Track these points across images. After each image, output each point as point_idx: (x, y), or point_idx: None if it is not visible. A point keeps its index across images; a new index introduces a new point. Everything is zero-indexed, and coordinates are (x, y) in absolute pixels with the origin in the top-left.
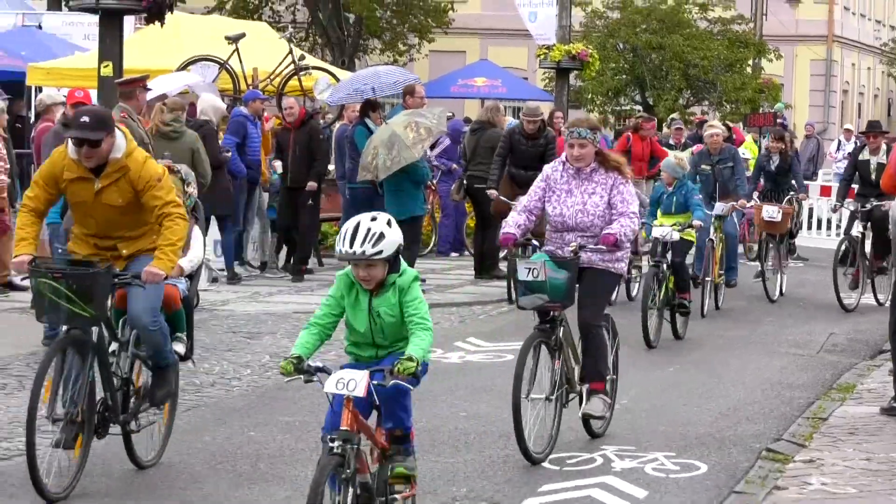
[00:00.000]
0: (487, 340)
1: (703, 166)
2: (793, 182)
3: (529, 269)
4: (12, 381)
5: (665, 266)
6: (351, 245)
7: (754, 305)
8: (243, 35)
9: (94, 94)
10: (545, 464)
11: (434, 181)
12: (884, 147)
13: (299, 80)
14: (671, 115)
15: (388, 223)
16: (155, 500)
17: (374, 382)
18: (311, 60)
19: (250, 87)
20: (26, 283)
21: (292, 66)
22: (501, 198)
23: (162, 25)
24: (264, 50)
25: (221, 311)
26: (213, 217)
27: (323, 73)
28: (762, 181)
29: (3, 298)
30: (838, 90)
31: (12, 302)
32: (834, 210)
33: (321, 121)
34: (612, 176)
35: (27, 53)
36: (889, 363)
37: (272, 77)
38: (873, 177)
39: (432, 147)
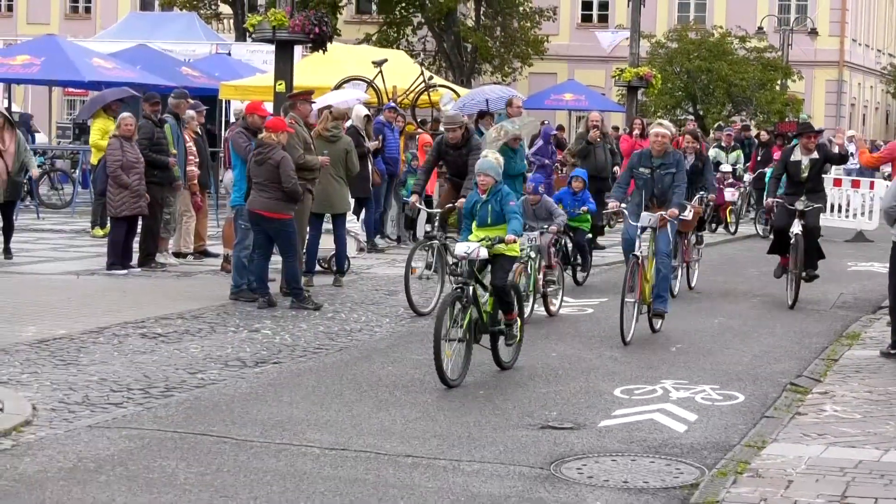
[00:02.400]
0: (572, 297)
1: (641, 169)
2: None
3: None
4: (206, 326)
5: (471, 289)
6: None
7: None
8: (386, 60)
9: (269, 105)
10: (616, 392)
11: (529, 173)
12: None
13: (428, 95)
14: (718, 123)
15: None
16: (316, 418)
17: None
18: (437, 80)
19: (390, 101)
20: (216, 250)
21: (423, 84)
22: (417, 205)
23: (324, 53)
24: (402, 72)
25: (367, 274)
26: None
27: (447, 90)
28: None
29: (199, 263)
30: (847, 104)
31: (206, 266)
32: (768, 209)
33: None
34: None
35: (219, 74)
36: (887, 316)
37: (407, 93)
38: (804, 175)
39: (530, 146)
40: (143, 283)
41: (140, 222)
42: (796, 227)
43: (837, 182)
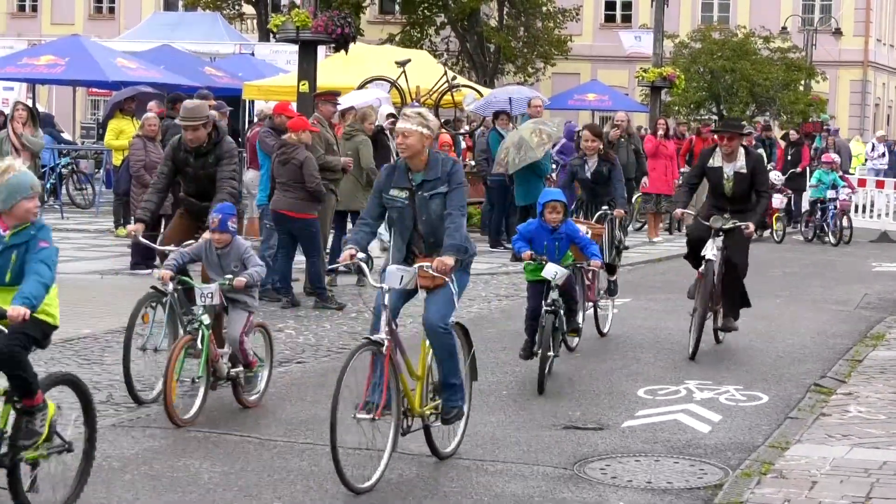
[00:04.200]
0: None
1: (393, 191)
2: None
3: None
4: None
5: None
6: None
7: (804, 272)
8: (409, 60)
9: (294, 105)
10: (640, 393)
11: (554, 174)
12: (742, 152)
13: (451, 95)
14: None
15: None
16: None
17: None
18: (460, 80)
19: (413, 101)
20: None
21: (446, 84)
22: (139, 237)
23: (346, 53)
24: (425, 72)
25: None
26: None
27: (470, 90)
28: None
29: None
30: (871, 104)
31: None
32: (677, 220)
33: (466, 126)
34: None
35: (243, 75)
36: None
37: (431, 93)
38: (728, 186)
39: (553, 145)
40: None
41: (163, 222)
42: (710, 251)
43: (862, 182)
